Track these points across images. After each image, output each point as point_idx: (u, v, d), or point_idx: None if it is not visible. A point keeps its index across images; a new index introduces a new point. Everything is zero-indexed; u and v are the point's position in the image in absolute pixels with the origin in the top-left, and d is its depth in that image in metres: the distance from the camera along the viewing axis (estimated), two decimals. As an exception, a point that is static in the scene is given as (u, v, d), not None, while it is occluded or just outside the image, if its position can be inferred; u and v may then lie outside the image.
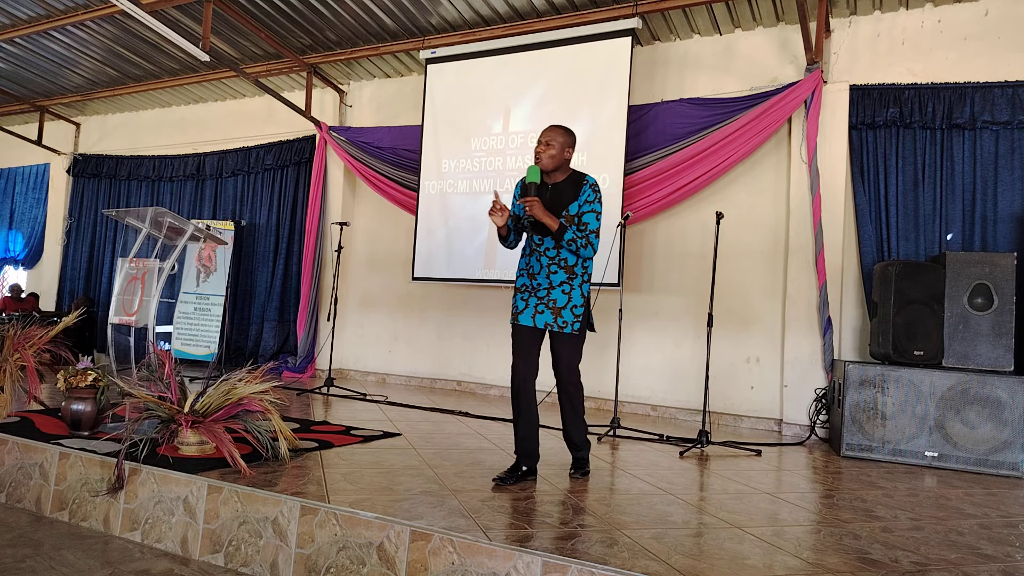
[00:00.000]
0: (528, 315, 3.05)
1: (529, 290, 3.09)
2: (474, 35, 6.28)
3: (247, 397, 3.09)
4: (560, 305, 3.03)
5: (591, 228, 3.01)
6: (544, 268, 3.05)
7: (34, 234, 9.90)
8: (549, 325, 3.03)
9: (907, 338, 4.22)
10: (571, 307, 3.03)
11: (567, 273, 3.04)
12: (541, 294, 3.05)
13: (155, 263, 3.87)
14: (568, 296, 3.03)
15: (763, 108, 5.26)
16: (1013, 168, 4.77)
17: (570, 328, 3.02)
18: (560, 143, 3.04)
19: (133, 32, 6.75)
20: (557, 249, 3.03)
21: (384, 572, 2.27)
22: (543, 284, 3.05)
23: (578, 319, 3.04)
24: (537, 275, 3.07)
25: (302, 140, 7.70)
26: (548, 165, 3.04)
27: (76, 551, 2.61)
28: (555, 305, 3.03)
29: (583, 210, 3.02)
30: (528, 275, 3.10)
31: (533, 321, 3.03)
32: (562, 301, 3.03)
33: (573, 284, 3.04)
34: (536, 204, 2.91)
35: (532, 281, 3.08)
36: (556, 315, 3.02)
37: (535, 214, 2.92)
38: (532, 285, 3.08)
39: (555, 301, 3.03)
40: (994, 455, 3.93)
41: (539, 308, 3.05)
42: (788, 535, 2.50)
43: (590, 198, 3.02)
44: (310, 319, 7.19)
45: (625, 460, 3.76)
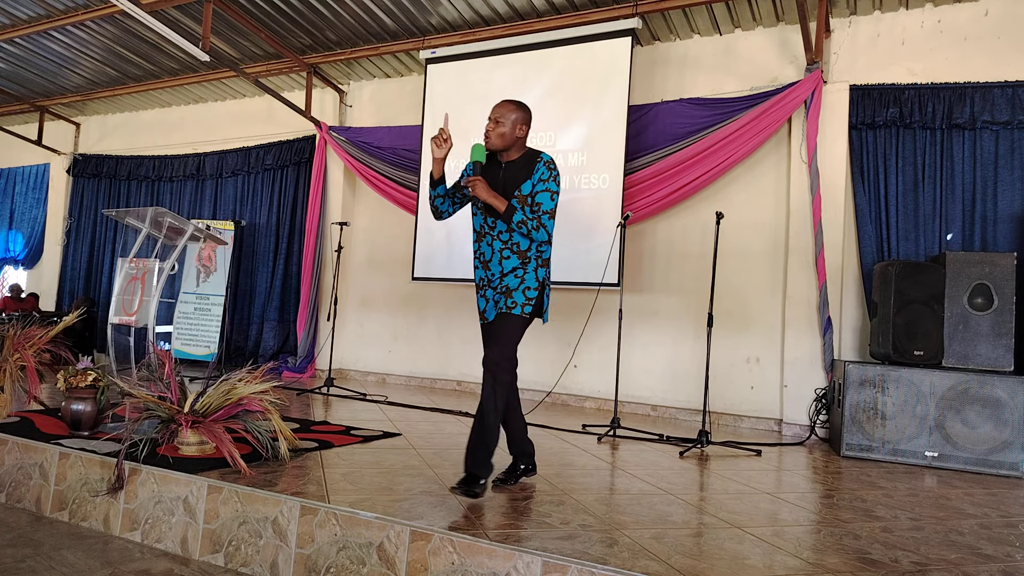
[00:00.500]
0: (491, 311, 2.88)
1: (485, 283, 2.90)
2: (474, 35, 6.28)
3: (247, 397, 3.09)
4: (512, 288, 2.81)
5: (544, 209, 2.78)
6: (496, 254, 2.84)
7: (34, 234, 9.90)
8: (500, 309, 2.82)
9: (907, 338, 4.22)
10: (523, 289, 2.81)
11: (520, 259, 2.82)
12: (495, 284, 2.85)
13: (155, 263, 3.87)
14: (520, 279, 2.82)
15: (763, 108, 5.26)
16: (1013, 168, 4.77)
17: (519, 309, 2.78)
18: (512, 120, 2.82)
19: (133, 32, 6.75)
20: (510, 232, 2.81)
21: (384, 572, 2.27)
22: (495, 273, 2.85)
23: (529, 302, 2.80)
24: (490, 263, 2.86)
25: (302, 140, 7.70)
26: (497, 144, 2.83)
27: (76, 551, 2.61)
28: (507, 289, 2.82)
29: (537, 189, 2.79)
30: (482, 264, 2.90)
31: (496, 310, 2.86)
32: (514, 284, 2.82)
33: (527, 268, 2.82)
34: (479, 184, 2.73)
35: (487, 272, 2.88)
36: (506, 297, 2.80)
37: (479, 194, 2.73)
38: (487, 277, 2.88)
39: (507, 286, 2.82)
40: (994, 455, 3.93)
41: (496, 299, 2.86)
42: (788, 535, 2.50)
43: (544, 176, 2.79)
44: (310, 319, 7.19)
45: (625, 460, 3.76)
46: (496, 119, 2.82)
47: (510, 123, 2.82)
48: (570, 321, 6.02)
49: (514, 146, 2.86)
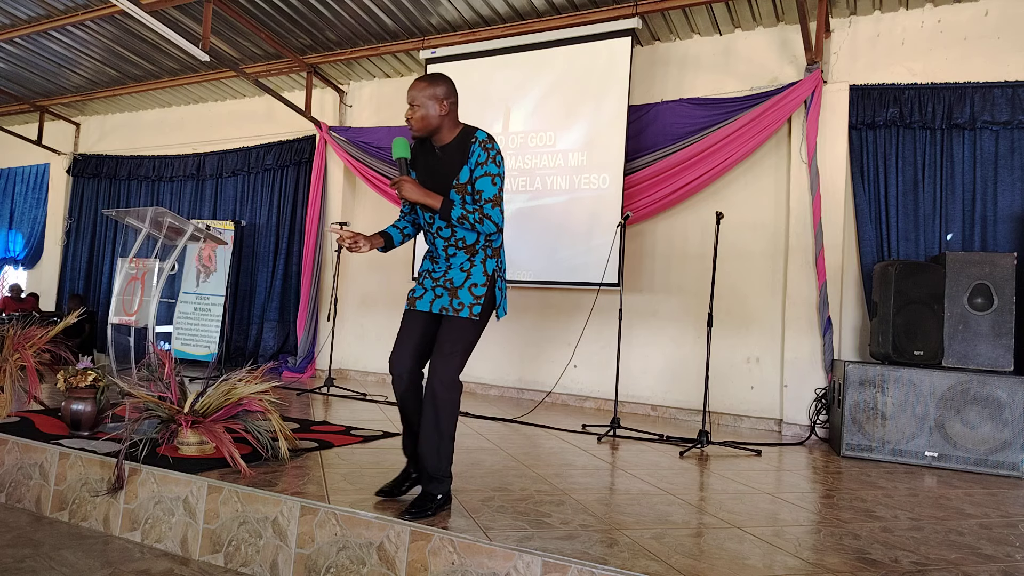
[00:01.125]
0: (427, 300, 2.56)
1: (428, 273, 2.62)
2: (474, 35, 6.28)
3: (247, 397, 3.09)
4: (457, 284, 2.51)
5: (487, 196, 2.43)
6: (441, 252, 2.58)
7: (34, 234, 9.90)
8: (444, 309, 2.50)
9: (907, 338, 4.22)
10: (469, 286, 2.50)
11: (467, 252, 2.54)
12: (437, 275, 2.57)
13: (155, 263, 3.87)
14: (467, 273, 2.52)
15: (763, 108, 5.26)
16: (1013, 168, 4.77)
17: (467, 311, 2.46)
18: (429, 97, 2.46)
19: (133, 32, 6.75)
20: (451, 228, 2.52)
21: (384, 572, 2.27)
22: (441, 267, 2.58)
23: (478, 301, 2.48)
24: (437, 259, 2.60)
25: (302, 140, 7.70)
26: (421, 129, 2.50)
27: (76, 551, 2.61)
28: (452, 285, 2.52)
29: (475, 175, 2.45)
30: (430, 258, 2.64)
31: (430, 307, 2.54)
32: (459, 279, 2.52)
33: (474, 260, 2.53)
34: (406, 184, 2.43)
35: (432, 264, 2.62)
36: (452, 296, 2.50)
37: (407, 196, 2.44)
38: (431, 268, 2.62)
39: (452, 281, 2.53)
40: (994, 455, 3.93)
41: (437, 291, 2.54)
42: (788, 535, 2.50)
43: (481, 158, 2.44)
44: (310, 319, 7.19)
45: (625, 460, 3.76)
46: (411, 102, 2.48)
47: (429, 101, 2.46)
48: (570, 321, 6.02)
49: (443, 126, 2.51)
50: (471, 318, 2.47)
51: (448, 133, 2.53)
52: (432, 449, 2.48)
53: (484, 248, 2.55)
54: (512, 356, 6.32)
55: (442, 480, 2.51)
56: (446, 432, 2.48)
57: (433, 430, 2.46)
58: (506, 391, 6.32)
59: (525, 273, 5.98)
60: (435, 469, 2.49)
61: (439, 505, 2.49)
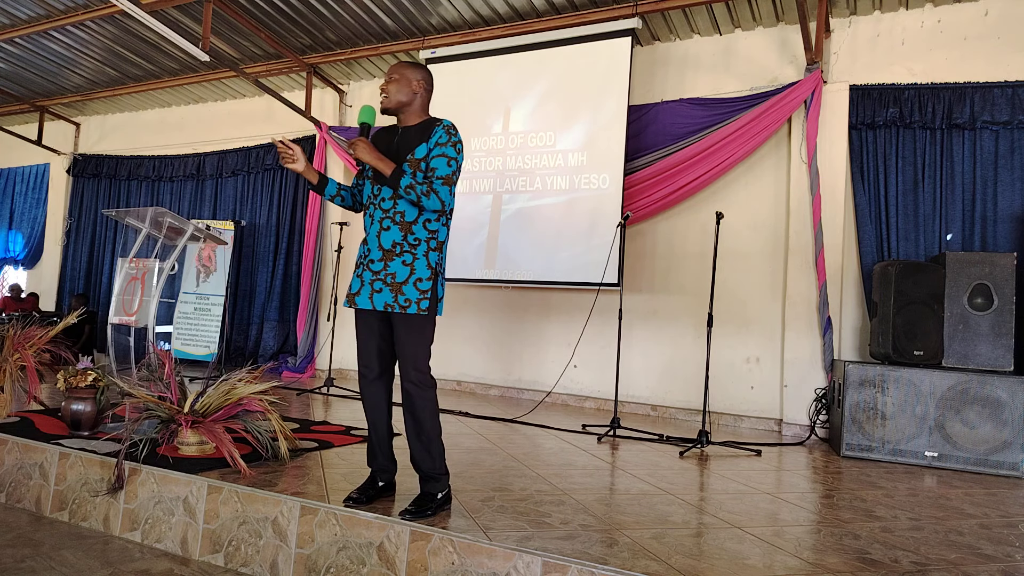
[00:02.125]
0: (365, 295, 2.49)
1: (363, 262, 2.53)
2: (474, 35, 6.28)
3: (247, 397, 3.09)
4: (400, 280, 2.46)
5: (440, 174, 2.45)
6: (376, 224, 2.51)
7: (34, 234, 9.90)
8: (389, 306, 2.45)
9: (907, 338, 4.22)
10: (414, 281, 2.46)
11: (402, 231, 2.47)
12: (376, 266, 2.48)
13: (155, 263, 3.87)
14: (410, 268, 2.47)
15: (763, 108, 5.26)
16: (1013, 168, 4.77)
17: (415, 307, 2.44)
18: (410, 78, 2.54)
19: (133, 32, 6.75)
20: (394, 199, 2.49)
21: (384, 572, 2.27)
22: (373, 246, 2.50)
23: (424, 296, 2.45)
24: (367, 238, 2.54)
25: (302, 140, 7.69)
26: (393, 103, 2.53)
27: (76, 551, 2.61)
28: (394, 280, 2.46)
29: (433, 154, 2.47)
30: (365, 240, 2.57)
31: (371, 302, 2.47)
32: (403, 275, 2.46)
33: (416, 253, 2.47)
34: (361, 144, 2.43)
35: (365, 247, 2.55)
36: (396, 292, 2.45)
37: (360, 156, 2.42)
38: (364, 253, 2.54)
39: (394, 276, 2.46)
40: (994, 455, 3.93)
41: (376, 285, 2.47)
42: (788, 535, 2.50)
43: (442, 140, 2.48)
44: (310, 319, 7.19)
45: (625, 460, 3.76)
46: (391, 76, 2.54)
47: (408, 81, 2.53)
48: (570, 321, 6.02)
49: (412, 107, 2.57)
50: (419, 313, 2.45)
51: (414, 117, 2.59)
52: (423, 452, 2.51)
53: (428, 240, 2.50)
54: (512, 356, 6.32)
55: (438, 478, 2.52)
56: (432, 432, 2.50)
57: (418, 434, 2.50)
58: (506, 391, 6.32)
59: (525, 273, 5.98)
60: (430, 469, 2.51)
61: (439, 504, 2.49)
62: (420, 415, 2.48)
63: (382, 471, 2.65)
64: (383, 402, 2.61)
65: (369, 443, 2.65)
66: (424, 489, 2.51)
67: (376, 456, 2.64)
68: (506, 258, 6.05)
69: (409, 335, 2.47)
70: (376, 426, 2.62)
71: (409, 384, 2.47)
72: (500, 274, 6.09)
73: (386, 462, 2.65)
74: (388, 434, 2.66)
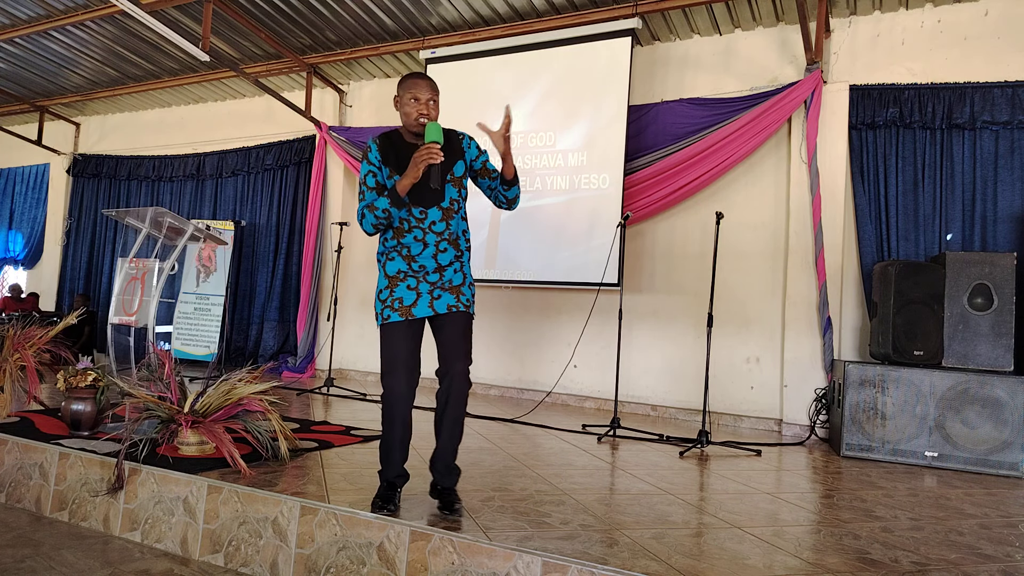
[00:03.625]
0: (424, 304, 2.50)
1: (412, 275, 2.52)
2: (474, 35, 6.28)
3: (247, 397, 3.09)
4: (457, 284, 2.57)
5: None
6: (430, 247, 2.51)
7: (34, 234, 9.90)
8: (452, 307, 2.52)
9: (907, 338, 4.22)
10: (468, 284, 2.61)
11: (455, 249, 2.56)
12: (432, 278, 2.52)
13: (155, 263, 3.87)
14: (462, 274, 2.60)
15: (763, 108, 5.26)
16: (1013, 168, 4.77)
17: (473, 307, 2.60)
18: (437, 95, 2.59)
19: (133, 32, 6.75)
20: (445, 222, 2.52)
21: (384, 572, 2.27)
22: (429, 266, 2.52)
23: (472, 299, 2.62)
24: (417, 256, 2.51)
25: (302, 140, 7.70)
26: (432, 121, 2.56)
27: (76, 551, 2.61)
28: (451, 284, 2.55)
29: (482, 159, 2.64)
30: (404, 258, 2.52)
31: (432, 309, 2.50)
32: (458, 280, 2.58)
33: (462, 261, 2.61)
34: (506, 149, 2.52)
35: (411, 264, 2.52)
36: (456, 294, 2.54)
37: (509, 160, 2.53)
38: (413, 269, 2.52)
39: (451, 281, 2.55)
40: (994, 455, 3.93)
41: (435, 293, 2.52)
42: (788, 535, 2.50)
43: (480, 147, 2.67)
44: (310, 319, 7.19)
45: (625, 460, 3.76)
46: (432, 97, 2.53)
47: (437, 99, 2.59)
48: (570, 321, 6.02)
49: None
50: (470, 314, 2.58)
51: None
52: (456, 445, 2.59)
53: (467, 250, 2.64)
54: (512, 356, 6.32)
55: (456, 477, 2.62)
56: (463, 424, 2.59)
57: (458, 426, 2.56)
58: (506, 391, 6.32)
59: (525, 273, 5.98)
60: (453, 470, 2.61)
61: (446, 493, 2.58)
62: (462, 409, 2.54)
63: (400, 477, 2.59)
64: (411, 411, 2.57)
65: (392, 454, 2.55)
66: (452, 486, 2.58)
67: (396, 465, 2.56)
68: (506, 258, 6.05)
69: (465, 332, 2.55)
70: (404, 436, 2.55)
71: (464, 381, 2.51)
72: (500, 274, 6.09)
73: (404, 469, 2.61)
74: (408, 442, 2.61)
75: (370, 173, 2.55)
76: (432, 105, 2.53)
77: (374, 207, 2.46)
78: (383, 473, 2.57)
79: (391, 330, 2.51)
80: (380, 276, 2.59)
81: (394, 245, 2.54)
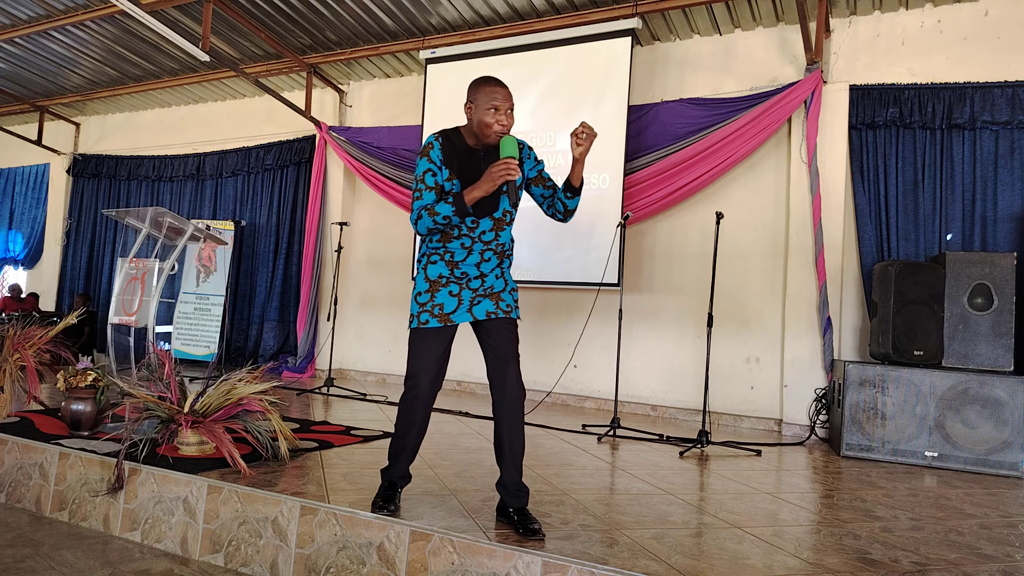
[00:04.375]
0: (463, 311, 2.46)
1: (454, 281, 2.48)
2: (474, 35, 6.28)
3: (247, 397, 3.09)
4: (499, 290, 2.52)
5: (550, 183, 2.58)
6: (475, 255, 2.47)
7: (34, 234, 9.90)
8: (491, 313, 2.46)
9: (907, 338, 4.22)
10: (510, 290, 2.56)
11: (499, 258, 2.54)
12: (474, 284, 2.49)
13: (155, 263, 3.87)
14: (504, 280, 2.56)
15: (763, 108, 5.26)
16: (1013, 168, 4.77)
17: (516, 312, 2.53)
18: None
19: (133, 32, 6.75)
20: (495, 232, 2.48)
21: (384, 572, 2.27)
22: (472, 273, 2.49)
23: (517, 304, 2.57)
24: (461, 263, 2.47)
25: (302, 140, 7.70)
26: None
27: (76, 551, 2.61)
28: (493, 291, 2.51)
29: (539, 167, 2.58)
30: (447, 263, 2.47)
31: (472, 315, 2.46)
32: (499, 286, 2.53)
33: (503, 267, 2.57)
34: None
35: (454, 271, 2.47)
36: (496, 300, 2.49)
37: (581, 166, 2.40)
38: (455, 275, 2.48)
39: (492, 288, 2.51)
40: (994, 455, 3.93)
41: (476, 300, 2.48)
42: (788, 535, 2.50)
43: (536, 155, 2.60)
44: (310, 319, 7.19)
45: (625, 460, 3.76)
46: (512, 106, 2.45)
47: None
48: (570, 321, 6.02)
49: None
50: (517, 319, 2.53)
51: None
52: (519, 459, 2.41)
53: (509, 256, 2.60)
54: (512, 356, 6.31)
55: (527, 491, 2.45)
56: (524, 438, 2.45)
57: (518, 435, 2.40)
58: (506, 391, 6.31)
59: (525, 273, 5.98)
60: (521, 479, 2.43)
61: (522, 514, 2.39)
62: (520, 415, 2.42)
63: (404, 478, 2.57)
64: (428, 417, 2.53)
65: (402, 456, 2.52)
66: (526, 507, 2.39)
67: (401, 467, 2.54)
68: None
69: (510, 339, 2.47)
70: (415, 441, 2.52)
71: (518, 390, 2.40)
72: (500, 274, 6.09)
73: (408, 471, 2.57)
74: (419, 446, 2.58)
75: (429, 171, 2.42)
76: (511, 115, 2.43)
77: (435, 212, 2.35)
78: (387, 472, 2.55)
79: (426, 335, 2.46)
80: (420, 278, 2.51)
81: (437, 248, 2.48)
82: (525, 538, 2.25)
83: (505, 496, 2.41)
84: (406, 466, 2.55)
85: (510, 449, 2.39)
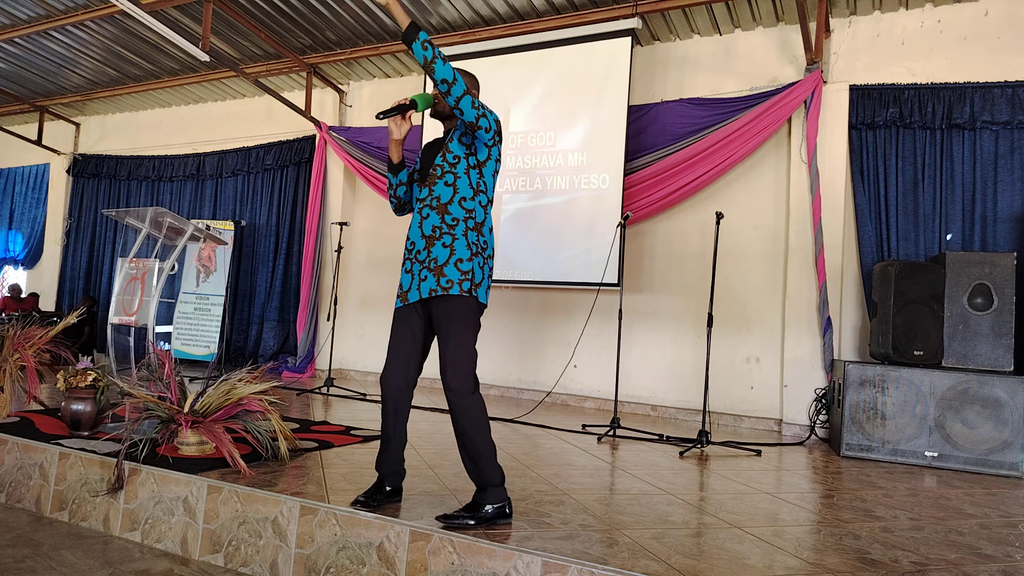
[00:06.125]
0: (414, 288, 2.35)
1: (408, 257, 2.41)
2: (474, 35, 6.28)
3: (247, 397, 3.09)
4: (442, 262, 2.30)
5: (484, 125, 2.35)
6: (417, 215, 2.41)
7: (34, 234, 9.90)
8: (433, 291, 2.29)
9: (907, 338, 4.22)
10: (455, 262, 2.30)
11: (439, 214, 2.34)
12: (421, 256, 2.35)
13: (155, 263, 3.87)
14: (450, 248, 2.31)
15: (763, 108, 5.26)
16: (1013, 168, 4.77)
17: (457, 288, 2.27)
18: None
19: (133, 32, 6.75)
20: (429, 187, 2.41)
21: (384, 572, 2.27)
22: (419, 245, 2.38)
23: (466, 276, 2.29)
24: (410, 234, 2.44)
25: (302, 140, 7.70)
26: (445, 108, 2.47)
27: (76, 551, 2.61)
28: (436, 264, 2.31)
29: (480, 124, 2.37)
30: (407, 239, 2.47)
31: (419, 292, 2.34)
32: (443, 256, 2.31)
33: (455, 233, 2.33)
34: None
35: (407, 244, 2.45)
36: (438, 275, 2.29)
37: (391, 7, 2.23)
38: (407, 249, 2.43)
39: (436, 260, 2.31)
40: (994, 455, 3.93)
41: (422, 274, 2.34)
42: (788, 535, 2.50)
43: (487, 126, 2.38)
44: (310, 319, 7.19)
45: (625, 460, 3.75)
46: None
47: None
48: (570, 321, 6.02)
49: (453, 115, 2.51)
50: (463, 295, 2.29)
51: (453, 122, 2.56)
52: (467, 460, 2.38)
53: (465, 220, 2.35)
54: (512, 356, 6.32)
55: (486, 488, 2.37)
56: (479, 440, 2.32)
57: (464, 445, 2.35)
58: (506, 391, 6.32)
59: (525, 273, 5.98)
60: (477, 479, 2.39)
61: (485, 517, 2.34)
62: (466, 422, 2.30)
63: (392, 475, 2.54)
64: (404, 408, 2.48)
65: (382, 447, 2.52)
66: (474, 498, 2.40)
67: (386, 461, 2.52)
68: (506, 258, 6.05)
69: (449, 324, 2.29)
70: (394, 431, 2.48)
71: (451, 394, 2.29)
72: (500, 274, 6.09)
73: (396, 467, 2.54)
74: (403, 441, 2.53)
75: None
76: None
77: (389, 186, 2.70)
78: (376, 466, 2.56)
79: (395, 317, 2.44)
80: None
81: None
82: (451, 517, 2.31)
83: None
84: (388, 463, 2.52)
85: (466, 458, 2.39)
